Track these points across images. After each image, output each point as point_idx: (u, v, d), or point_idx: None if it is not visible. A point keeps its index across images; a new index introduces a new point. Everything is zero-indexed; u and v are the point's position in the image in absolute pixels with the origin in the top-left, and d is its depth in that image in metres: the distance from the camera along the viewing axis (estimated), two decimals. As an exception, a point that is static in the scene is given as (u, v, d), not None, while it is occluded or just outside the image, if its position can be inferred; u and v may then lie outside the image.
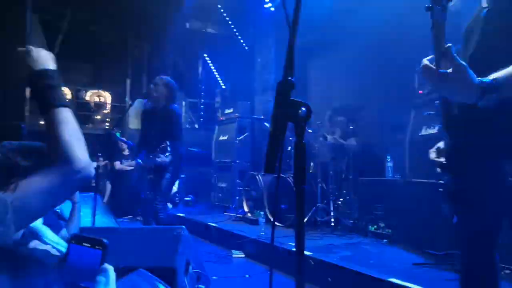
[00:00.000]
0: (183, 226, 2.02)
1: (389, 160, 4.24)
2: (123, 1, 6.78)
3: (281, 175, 2.02)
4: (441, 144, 1.53)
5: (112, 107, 10.57)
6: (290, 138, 4.65)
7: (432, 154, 1.53)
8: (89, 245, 0.74)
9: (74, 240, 0.75)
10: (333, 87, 5.58)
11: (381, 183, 4.17)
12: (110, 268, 0.74)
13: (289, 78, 0.96)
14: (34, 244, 1.39)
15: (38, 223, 1.42)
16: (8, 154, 1.09)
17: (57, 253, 1.12)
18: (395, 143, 4.21)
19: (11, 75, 2.13)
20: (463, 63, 1.11)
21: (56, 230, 1.89)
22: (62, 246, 1.14)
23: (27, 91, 2.18)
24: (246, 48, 7.88)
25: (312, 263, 3.16)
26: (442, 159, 1.48)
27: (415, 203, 3.41)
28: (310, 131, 4.63)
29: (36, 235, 1.36)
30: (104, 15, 7.74)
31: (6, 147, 1.13)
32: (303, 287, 0.86)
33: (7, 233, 0.69)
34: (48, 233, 1.47)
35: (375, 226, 4.09)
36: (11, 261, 0.58)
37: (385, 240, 3.88)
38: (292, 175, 0.89)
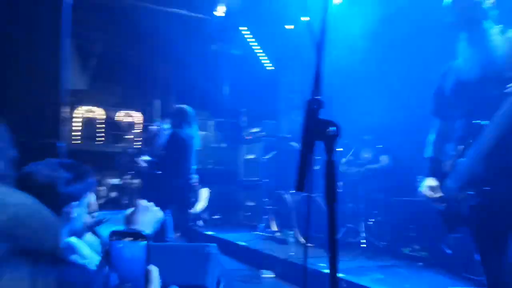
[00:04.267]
0: (215, 244, 2.02)
1: (420, 179, 4.09)
2: (149, 25, 7.10)
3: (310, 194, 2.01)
4: (431, 182, 1.68)
5: (143, 126, 10.93)
6: (318, 157, 4.59)
7: (428, 192, 1.68)
8: (131, 239, 0.71)
9: (115, 236, 0.72)
10: (360, 105, 5.52)
11: (414, 203, 4.03)
12: (155, 269, 0.73)
13: (318, 97, 0.97)
14: (74, 258, 1.45)
15: (75, 239, 1.48)
16: (53, 168, 1.18)
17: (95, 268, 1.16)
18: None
19: (46, 96, 2.26)
20: None
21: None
22: (98, 260, 1.18)
23: (63, 111, 2.30)
24: (271, 68, 7.99)
25: (345, 285, 3.06)
26: (438, 195, 1.69)
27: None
28: (341, 149, 4.56)
29: (75, 250, 1.42)
30: (133, 38, 8.14)
31: (51, 162, 1.23)
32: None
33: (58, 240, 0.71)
34: (84, 249, 1.52)
35: (410, 249, 3.93)
36: (59, 267, 0.60)
37: (420, 263, 3.72)
38: (320, 194, 0.88)
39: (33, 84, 2.24)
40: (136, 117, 11.68)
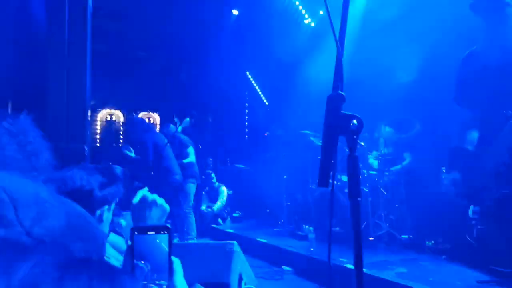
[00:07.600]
0: (235, 242, 2.04)
1: (444, 171, 4.01)
2: (165, 31, 7.20)
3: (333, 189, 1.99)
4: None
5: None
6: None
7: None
8: (153, 232, 0.73)
9: (137, 231, 0.74)
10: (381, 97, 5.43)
11: (436, 195, 3.95)
12: (177, 260, 0.75)
13: (339, 91, 0.97)
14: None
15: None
16: (90, 172, 1.22)
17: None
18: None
19: (73, 100, 2.33)
20: None
21: None
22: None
23: (89, 115, 2.36)
24: (288, 64, 7.95)
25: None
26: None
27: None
28: (362, 143, 4.48)
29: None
30: (155, 44, 8.33)
31: (87, 166, 1.27)
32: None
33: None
34: (109, 249, 1.56)
35: (433, 241, 3.86)
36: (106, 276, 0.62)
37: (444, 256, 3.65)
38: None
39: (62, 91, 2.32)
40: (155, 117, 11.87)
